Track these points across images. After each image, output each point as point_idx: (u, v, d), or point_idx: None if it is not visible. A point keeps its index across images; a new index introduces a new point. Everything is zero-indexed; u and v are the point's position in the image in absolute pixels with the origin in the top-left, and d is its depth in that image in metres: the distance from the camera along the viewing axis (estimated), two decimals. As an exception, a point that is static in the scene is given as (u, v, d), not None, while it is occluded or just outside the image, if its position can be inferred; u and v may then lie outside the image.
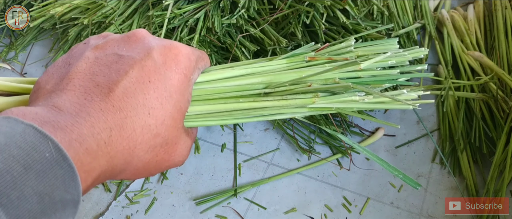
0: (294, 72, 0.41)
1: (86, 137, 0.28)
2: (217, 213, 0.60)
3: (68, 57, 0.35)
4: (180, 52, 0.36)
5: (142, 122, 0.32)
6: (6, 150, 0.24)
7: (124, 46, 0.34)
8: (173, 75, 0.35)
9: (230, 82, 0.40)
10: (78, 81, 0.31)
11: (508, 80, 0.65)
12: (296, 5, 0.65)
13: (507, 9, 0.76)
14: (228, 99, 0.40)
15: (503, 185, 0.57)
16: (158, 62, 0.34)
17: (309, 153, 0.65)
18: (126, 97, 0.31)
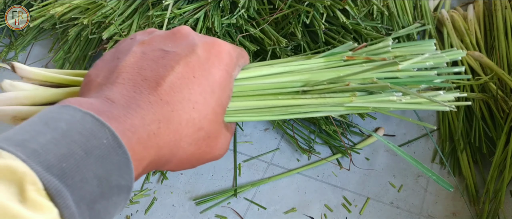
0: (332, 71, 0.41)
1: (137, 127, 0.30)
2: (217, 213, 0.60)
3: (116, 52, 0.36)
4: (223, 49, 0.37)
5: (187, 115, 0.33)
6: (68, 136, 0.26)
7: (169, 42, 0.36)
8: (215, 71, 0.36)
9: (269, 80, 0.41)
10: (127, 75, 0.33)
11: (508, 80, 0.65)
12: (296, 5, 0.65)
13: (507, 9, 0.76)
14: (267, 96, 0.41)
15: (503, 185, 0.57)
16: (202, 58, 0.35)
17: (309, 153, 0.65)
18: (173, 92, 0.33)
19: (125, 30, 0.68)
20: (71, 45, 0.80)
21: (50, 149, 0.25)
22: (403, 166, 0.64)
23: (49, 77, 0.41)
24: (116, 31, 0.68)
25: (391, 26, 0.72)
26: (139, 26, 0.68)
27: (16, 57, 0.84)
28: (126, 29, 0.68)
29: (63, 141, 0.26)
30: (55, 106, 0.29)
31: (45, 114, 0.28)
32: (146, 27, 0.68)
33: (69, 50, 0.80)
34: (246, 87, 0.41)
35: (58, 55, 0.80)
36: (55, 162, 0.25)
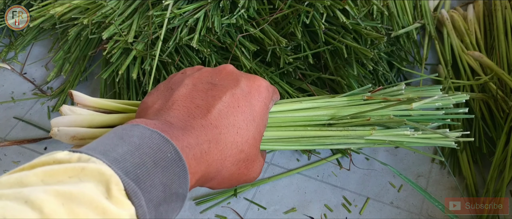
0: (354, 108, 0.48)
1: (193, 145, 0.36)
2: (217, 213, 0.60)
3: (169, 83, 0.43)
4: (262, 84, 0.43)
5: (231, 139, 0.39)
6: (140, 148, 0.32)
7: (216, 77, 0.42)
8: (256, 102, 0.42)
9: (299, 113, 0.47)
10: (181, 103, 0.39)
11: (507, 80, 0.65)
12: (296, 5, 0.65)
13: (507, 9, 0.76)
14: (297, 128, 0.46)
15: (503, 185, 0.57)
16: (245, 91, 0.41)
17: (309, 153, 0.65)
18: (220, 118, 0.38)
19: (125, 30, 0.68)
20: (71, 45, 0.80)
21: (127, 159, 0.30)
22: (403, 166, 0.64)
23: (103, 105, 0.47)
24: (116, 31, 0.68)
25: (391, 26, 0.72)
26: (139, 26, 0.68)
27: (16, 57, 0.84)
28: (126, 29, 0.68)
29: (137, 153, 0.31)
30: (127, 124, 0.34)
31: (119, 131, 0.33)
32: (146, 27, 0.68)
33: (69, 50, 0.80)
34: (279, 119, 0.47)
35: (58, 55, 0.80)
36: (131, 169, 0.30)
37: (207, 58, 0.67)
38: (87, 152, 0.29)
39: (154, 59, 0.64)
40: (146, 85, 0.66)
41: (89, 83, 0.79)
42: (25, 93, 0.78)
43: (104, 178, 0.28)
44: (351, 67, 0.65)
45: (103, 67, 0.74)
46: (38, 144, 0.70)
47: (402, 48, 0.74)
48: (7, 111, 0.75)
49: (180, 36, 0.65)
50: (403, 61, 0.73)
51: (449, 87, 0.68)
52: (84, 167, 0.28)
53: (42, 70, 0.82)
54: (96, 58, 0.81)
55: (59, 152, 0.29)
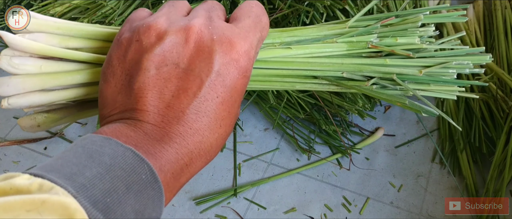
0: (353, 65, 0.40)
1: (172, 163, 0.31)
2: (217, 213, 0.60)
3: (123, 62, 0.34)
4: (241, 54, 0.34)
5: (216, 135, 0.34)
6: (112, 170, 0.27)
7: (184, 54, 0.33)
8: (236, 81, 0.34)
9: (288, 66, 0.40)
10: (147, 100, 0.32)
11: (507, 80, 0.65)
12: (296, 5, 0.65)
13: (507, 9, 0.76)
14: (284, 84, 0.40)
15: (502, 184, 0.57)
16: (222, 74, 0.33)
17: (309, 152, 0.65)
18: (199, 118, 0.32)
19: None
20: (71, 45, 0.80)
21: (96, 184, 0.26)
22: (403, 166, 0.64)
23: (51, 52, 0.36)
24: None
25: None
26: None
27: (16, 57, 0.84)
28: (126, 29, 0.68)
29: (107, 176, 0.27)
30: (97, 137, 0.30)
31: (88, 145, 0.29)
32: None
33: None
34: (261, 72, 0.39)
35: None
36: (100, 197, 0.26)
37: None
38: (50, 178, 0.26)
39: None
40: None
41: (89, 83, 0.79)
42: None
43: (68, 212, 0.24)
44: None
45: (103, 67, 0.74)
46: (38, 143, 0.70)
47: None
48: (7, 111, 0.75)
49: (180, 36, 0.65)
50: (403, 61, 0.73)
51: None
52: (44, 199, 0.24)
53: (42, 70, 0.82)
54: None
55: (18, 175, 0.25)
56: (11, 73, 0.36)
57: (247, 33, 0.35)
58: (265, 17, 0.38)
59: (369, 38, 0.40)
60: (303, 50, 0.40)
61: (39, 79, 0.36)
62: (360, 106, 0.63)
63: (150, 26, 0.34)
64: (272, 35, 0.40)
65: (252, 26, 0.36)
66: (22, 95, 0.36)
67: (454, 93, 0.42)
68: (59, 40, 0.38)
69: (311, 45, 0.40)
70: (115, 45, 0.35)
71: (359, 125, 0.68)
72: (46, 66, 0.37)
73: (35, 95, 0.36)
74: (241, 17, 0.37)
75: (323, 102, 0.64)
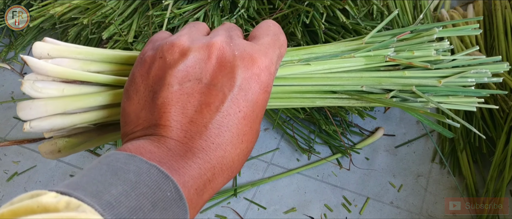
0: (372, 79, 0.41)
1: (195, 179, 0.31)
2: (217, 213, 0.60)
3: (147, 79, 0.34)
4: (262, 69, 0.35)
5: (238, 151, 0.34)
6: (137, 188, 0.27)
7: (206, 69, 0.34)
8: (257, 96, 0.34)
9: (308, 82, 0.40)
10: (171, 115, 0.32)
11: (508, 80, 0.65)
12: (296, 5, 0.65)
13: (507, 9, 0.76)
14: (304, 100, 0.40)
15: (502, 184, 0.57)
16: (244, 88, 0.34)
17: (309, 152, 0.65)
18: (221, 133, 0.32)
19: (125, 30, 0.68)
20: (71, 45, 0.80)
21: (122, 202, 0.26)
22: (403, 166, 0.64)
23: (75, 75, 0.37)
24: (116, 31, 0.68)
25: (391, 26, 0.72)
26: (139, 26, 0.68)
27: (16, 57, 0.84)
28: (126, 29, 0.68)
29: (133, 193, 0.27)
30: (122, 154, 0.30)
31: (113, 162, 0.29)
32: (146, 27, 0.68)
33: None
34: (281, 89, 0.40)
35: (58, 55, 0.80)
36: (126, 215, 0.26)
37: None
38: (77, 195, 0.26)
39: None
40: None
41: (89, 83, 0.79)
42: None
43: None
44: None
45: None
46: (38, 144, 0.70)
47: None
48: (7, 111, 0.75)
49: (180, 36, 0.65)
50: (403, 61, 0.73)
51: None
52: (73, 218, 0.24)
53: (42, 70, 0.82)
54: (96, 58, 0.81)
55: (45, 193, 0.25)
56: (33, 97, 0.37)
57: (267, 49, 0.36)
58: (283, 35, 0.39)
59: (386, 52, 0.41)
60: (321, 65, 0.40)
61: (61, 102, 0.36)
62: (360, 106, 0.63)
63: (174, 44, 0.35)
64: (290, 54, 0.41)
65: (271, 43, 0.37)
66: (44, 118, 0.36)
67: (473, 105, 0.42)
68: (81, 64, 0.39)
69: (330, 60, 0.41)
70: (139, 63, 0.36)
71: (359, 125, 0.68)
72: (68, 90, 0.37)
73: (57, 119, 0.36)
74: (260, 35, 0.37)
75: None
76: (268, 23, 0.39)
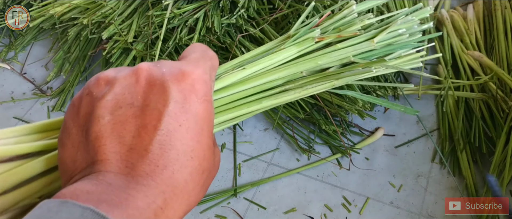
0: (308, 61, 0.41)
1: (142, 210, 0.28)
2: (217, 213, 0.60)
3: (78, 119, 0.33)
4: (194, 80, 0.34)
5: (189, 169, 0.31)
6: None
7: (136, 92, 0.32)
8: (197, 107, 0.33)
9: (248, 85, 0.40)
10: (107, 148, 0.30)
11: (507, 80, 0.65)
12: (296, 5, 0.65)
13: (507, 9, 0.76)
14: (250, 104, 0.40)
15: (502, 184, 0.57)
16: (180, 101, 0.32)
17: (309, 152, 0.65)
18: (165, 152, 0.30)
19: (125, 30, 0.68)
20: (70, 45, 0.80)
21: None
22: (403, 166, 0.64)
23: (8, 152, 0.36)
24: (116, 31, 0.68)
25: (391, 26, 0.72)
26: (139, 26, 0.68)
27: (15, 57, 0.84)
28: (125, 29, 0.68)
29: None
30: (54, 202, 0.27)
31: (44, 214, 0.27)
32: (146, 27, 0.68)
33: (68, 50, 0.80)
34: (225, 100, 0.39)
35: (57, 55, 0.80)
36: None
37: (207, 58, 0.67)
38: None
39: (154, 59, 0.64)
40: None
41: (89, 83, 0.79)
42: (25, 93, 0.78)
43: None
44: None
45: (103, 67, 0.74)
46: (38, 144, 0.70)
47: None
48: (7, 111, 0.75)
49: (180, 36, 0.65)
50: (403, 61, 0.73)
51: (448, 87, 0.68)
52: None
53: (42, 70, 0.82)
54: (96, 58, 0.81)
55: None
56: None
57: (197, 62, 0.35)
58: (211, 51, 0.38)
59: (314, 35, 0.41)
60: (256, 66, 0.40)
61: None
62: (360, 106, 0.63)
63: (99, 78, 0.34)
64: (225, 66, 0.41)
65: (200, 57, 0.36)
66: None
67: (418, 60, 0.42)
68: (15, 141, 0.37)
69: (262, 59, 0.41)
70: (69, 108, 0.34)
71: (359, 125, 0.68)
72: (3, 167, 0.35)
73: None
74: (187, 55, 0.37)
75: (323, 102, 0.64)
76: (194, 45, 0.39)
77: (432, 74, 0.76)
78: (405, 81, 0.75)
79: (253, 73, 0.40)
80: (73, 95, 0.76)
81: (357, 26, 0.42)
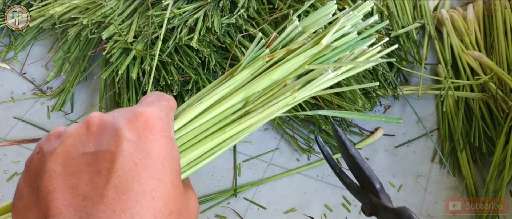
0: (262, 78, 0.40)
1: None
2: (217, 213, 0.60)
3: (29, 180, 0.31)
4: (148, 116, 0.32)
5: (151, 210, 0.29)
6: None
7: (88, 140, 0.31)
8: (154, 144, 0.31)
9: (207, 117, 0.39)
10: (59, 201, 0.28)
11: (507, 80, 0.65)
12: (296, 5, 0.65)
13: (507, 9, 0.76)
14: (213, 135, 0.39)
15: (502, 184, 0.57)
16: (134, 140, 0.31)
17: (309, 152, 0.65)
18: (122, 195, 0.28)
19: (125, 30, 0.68)
20: (70, 45, 0.80)
21: None
22: (403, 166, 0.64)
23: None
24: (116, 31, 0.68)
25: (390, 26, 0.72)
26: (139, 26, 0.68)
27: (15, 57, 0.84)
28: (125, 29, 0.68)
29: None
30: None
31: None
32: (145, 27, 0.68)
33: (68, 50, 0.80)
34: (188, 136, 0.38)
35: (57, 55, 0.80)
36: None
37: (206, 58, 0.67)
38: None
39: (154, 59, 0.64)
40: (146, 85, 0.66)
41: (88, 83, 0.79)
42: (25, 93, 0.78)
43: None
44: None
45: (103, 67, 0.74)
46: (38, 144, 0.70)
47: (402, 48, 0.74)
48: (7, 111, 0.75)
49: (179, 36, 0.65)
50: (402, 61, 0.73)
51: (448, 87, 0.68)
52: None
53: (41, 70, 0.82)
54: (95, 58, 0.81)
55: None
56: None
57: (151, 103, 0.35)
58: (167, 95, 0.38)
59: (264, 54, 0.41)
60: (213, 97, 0.40)
61: None
62: (359, 106, 0.63)
63: (49, 134, 0.33)
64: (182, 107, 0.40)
65: (155, 99, 0.36)
66: None
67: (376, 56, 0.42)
68: None
69: (217, 89, 0.40)
70: (22, 173, 0.33)
71: (359, 124, 0.68)
72: None
73: None
74: (142, 100, 0.36)
75: (323, 102, 0.64)
76: (149, 93, 0.38)
77: (432, 74, 0.76)
78: (405, 82, 0.75)
79: (211, 104, 0.40)
80: (73, 95, 0.76)
81: (304, 36, 0.42)
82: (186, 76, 0.66)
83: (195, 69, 0.67)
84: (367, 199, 0.38)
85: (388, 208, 0.36)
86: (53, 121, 0.73)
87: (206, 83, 0.67)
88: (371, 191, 0.38)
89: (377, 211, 0.37)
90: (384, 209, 0.36)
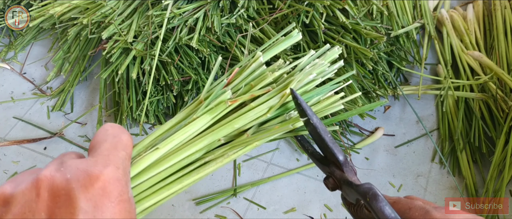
0: (224, 126, 0.38)
1: None
2: (217, 213, 0.60)
3: None
4: (105, 181, 0.30)
5: None
6: None
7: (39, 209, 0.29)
8: (111, 211, 0.30)
9: (165, 165, 0.37)
10: None
11: (507, 80, 0.65)
12: (296, 5, 0.65)
13: (507, 9, 0.76)
14: (171, 185, 0.37)
15: (502, 184, 0.57)
16: (90, 210, 0.29)
17: (309, 152, 0.65)
18: None
19: (125, 30, 0.68)
20: (70, 45, 0.80)
21: None
22: (402, 166, 0.64)
23: None
24: (116, 31, 0.68)
25: (390, 26, 0.72)
26: (139, 26, 0.68)
27: (15, 57, 0.84)
28: (125, 29, 0.68)
29: None
30: None
31: None
32: (145, 27, 0.68)
33: (68, 50, 0.80)
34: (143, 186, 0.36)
35: (57, 55, 0.80)
36: None
37: (206, 58, 0.67)
38: None
39: (154, 59, 0.64)
40: (146, 85, 0.66)
41: (88, 83, 0.79)
42: (25, 93, 0.78)
43: None
44: (351, 67, 0.65)
45: (102, 67, 0.74)
46: (38, 143, 0.70)
47: (401, 48, 0.74)
48: (7, 111, 0.75)
49: (179, 36, 0.65)
50: (402, 61, 0.73)
51: (448, 87, 0.68)
52: None
53: (41, 70, 0.82)
54: (95, 58, 0.81)
55: None
56: None
57: (107, 156, 0.32)
58: (125, 135, 0.35)
59: (225, 97, 0.39)
60: (170, 143, 0.37)
61: None
62: (359, 106, 0.63)
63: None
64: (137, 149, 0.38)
65: (111, 148, 0.33)
66: None
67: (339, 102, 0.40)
68: None
69: (175, 134, 0.38)
70: None
71: (359, 124, 0.68)
72: None
73: None
74: (97, 144, 0.33)
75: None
76: (105, 128, 0.35)
77: (432, 74, 0.76)
78: (405, 82, 0.75)
79: (168, 152, 0.37)
80: (73, 95, 0.76)
81: (269, 79, 0.39)
82: (186, 76, 0.66)
83: (195, 69, 0.67)
84: (330, 172, 0.35)
85: (352, 184, 0.33)
86: (53, 120, 0.73)
87: (206, 83, 0.67)
88: (334, 163, 0.35)
89: (341, 185, 0.34)
90: (348, 184, 0.33)
